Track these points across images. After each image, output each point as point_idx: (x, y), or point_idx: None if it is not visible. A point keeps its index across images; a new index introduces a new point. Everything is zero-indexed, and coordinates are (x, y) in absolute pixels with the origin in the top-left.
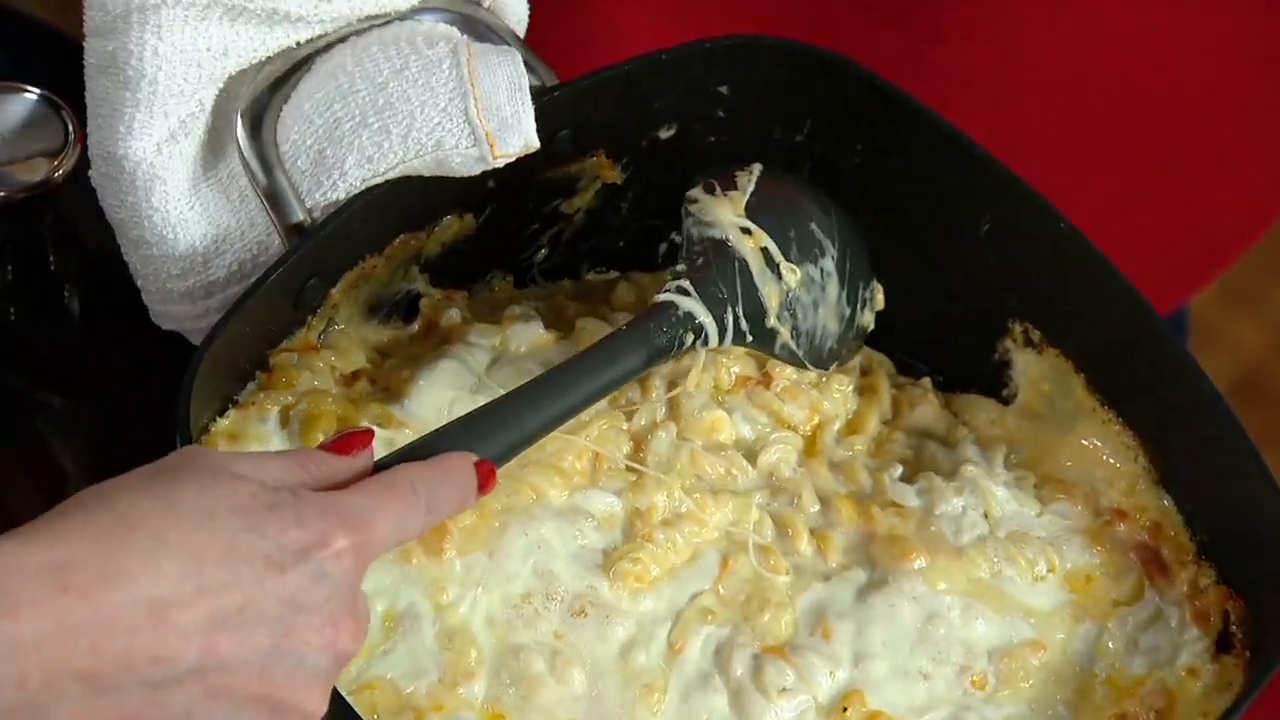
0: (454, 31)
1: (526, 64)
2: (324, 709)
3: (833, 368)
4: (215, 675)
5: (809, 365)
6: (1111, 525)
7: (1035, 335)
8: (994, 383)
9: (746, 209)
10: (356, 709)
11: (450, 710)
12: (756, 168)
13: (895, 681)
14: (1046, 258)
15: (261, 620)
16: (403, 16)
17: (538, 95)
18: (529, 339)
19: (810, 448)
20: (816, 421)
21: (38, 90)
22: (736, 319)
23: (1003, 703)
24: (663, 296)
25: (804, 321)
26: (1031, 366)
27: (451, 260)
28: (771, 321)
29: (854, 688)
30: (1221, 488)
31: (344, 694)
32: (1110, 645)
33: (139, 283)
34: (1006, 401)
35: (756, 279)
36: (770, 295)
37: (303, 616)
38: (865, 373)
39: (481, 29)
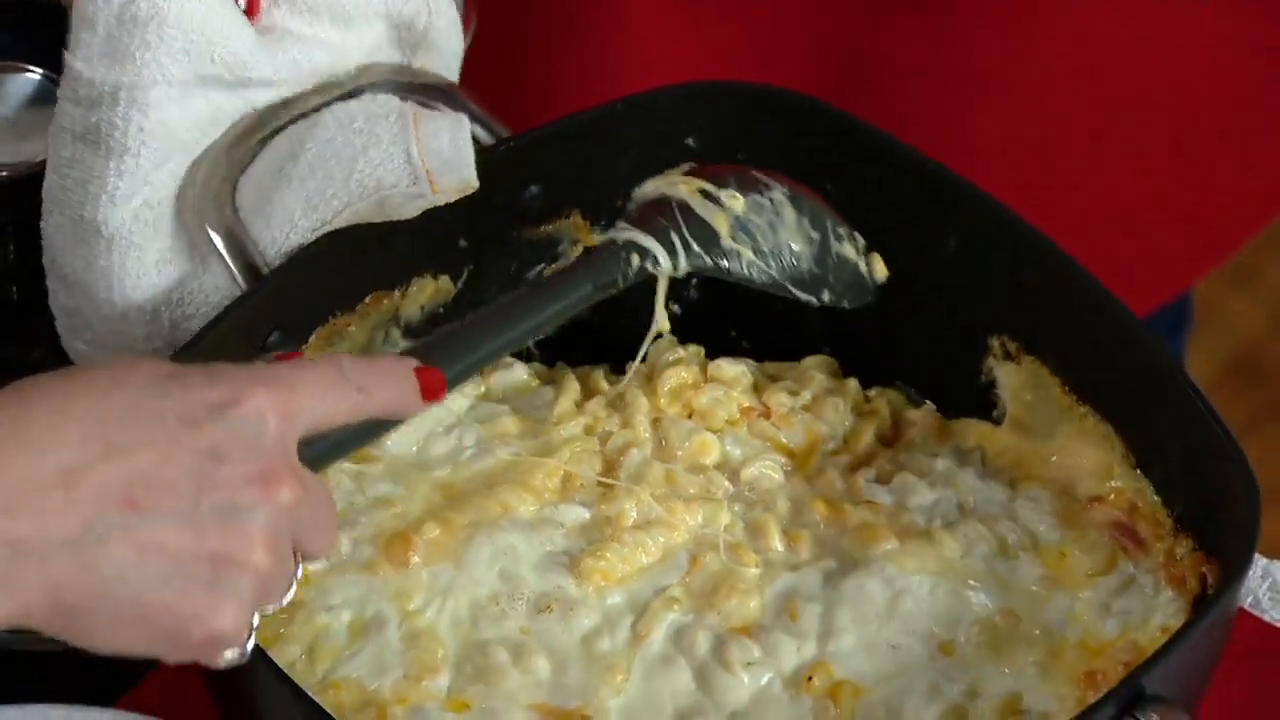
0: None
1: (479, 119)
2: (272, 563)
3: (827, 296)
4: (140, 530)
5: (792, 288)
6: (1087, 510)
7: (1012, 346)
8: (987, 406)
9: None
10: (324, 707)
11: (414, 703)
12: None
13: (862, 653)
14: (1011, 264)
15: (181, 474)
16: (355, 92)
17: (494, 148)
18: (510, 382)
19: (801, 465)
20: (810, 442)
21: (40, 70)
22: (685, 241)
23: (971, 666)
24: (602, 238)
25: (764, 242)
26: (1012, 378)
27: (436, 325)
28: (726, 242)
29: (821, 660)
30: (1189, 455)
31: (309, 693)
32: (1083, 614)
33: (86, 335)
34: (998, 422)
35: (698, 209)
36: (717, 220)
37: (226, 468)
38: (868, 399)
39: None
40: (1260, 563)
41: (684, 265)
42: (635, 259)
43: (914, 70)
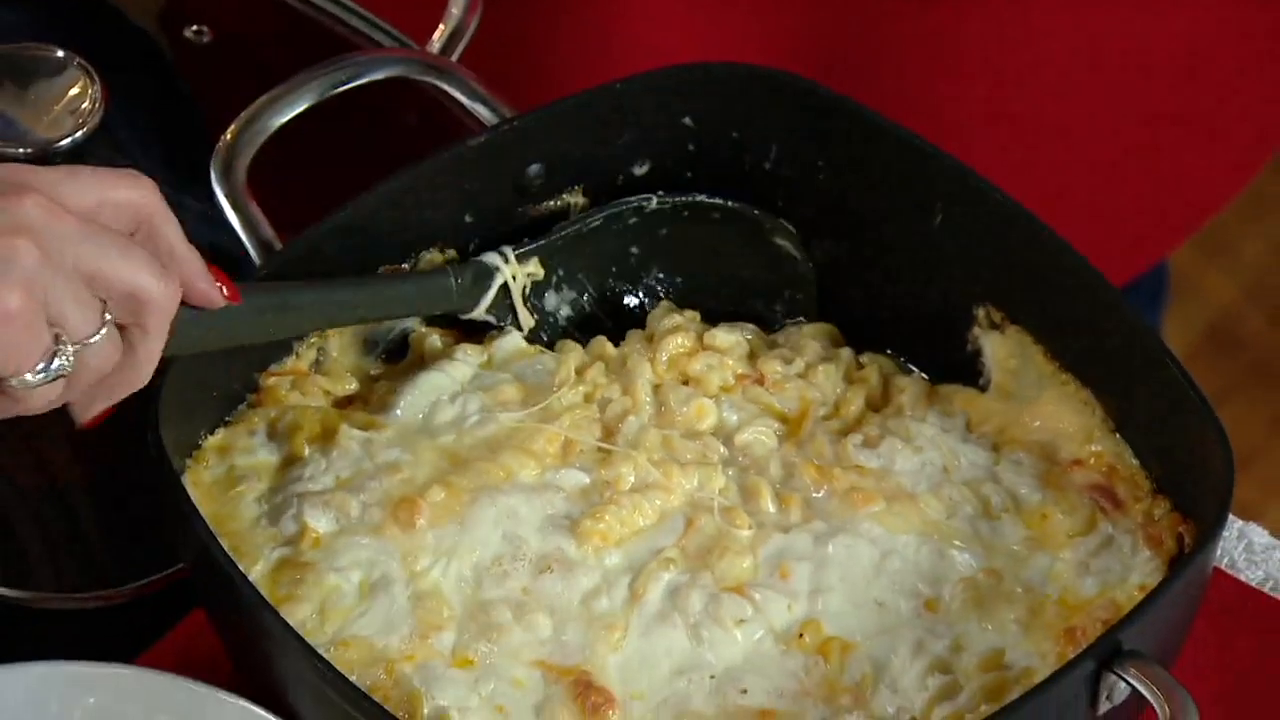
0: None
1: (484, 99)
2: (40, 255)
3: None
4: None
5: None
6: (1068, 472)
7: (997, 316)
8: (973, 374)
9: None
10: (334, 664)
11: (421, 659)
12: None
13: (851, 610)
14: (995, 238)
15: None
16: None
17: (498, 127)
18: (509, 349)
19: (793, 431)
20: (803, 407)
21: (62, 51)
22: (515, 250)
23: (955, 622)
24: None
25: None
26: (998, 347)
27: None
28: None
29: (811, 618)
30: (1166, 420)
31: (321, 652)
32: (1063, 572)
33: None
34: (984, 389)
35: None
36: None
37: None
38: (861, 366)
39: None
40: (1236, 524)
41: (514, 264)
42: (469, 272)
43: (908, 50)
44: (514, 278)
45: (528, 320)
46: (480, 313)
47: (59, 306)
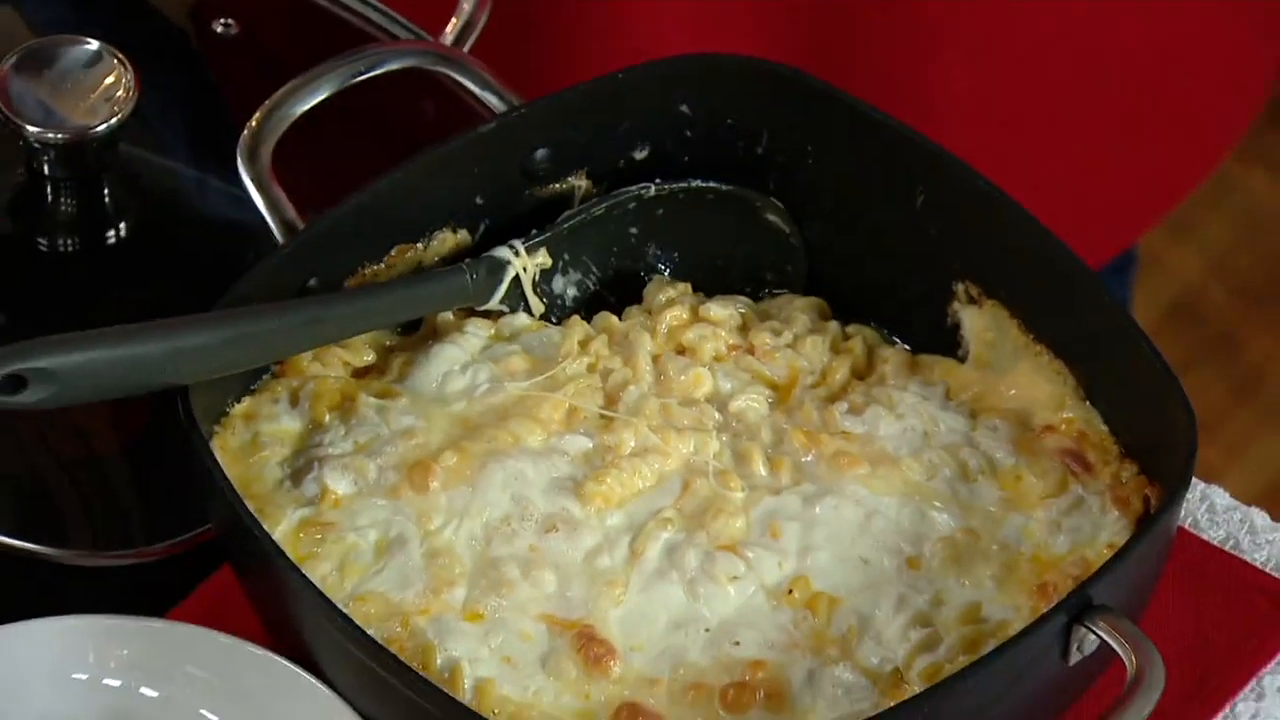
0: None
1: (490, 87)
2: None
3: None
4: None
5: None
6: (1041, 438)
7: (975, 291)
8: (952, 346)
9: None
10: (353, 618)
11: (434, 613)
12: None
13: (838, 567)
14: (974, 219)
15: None
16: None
17: (506, 114)
18: (518, 325)
19: (783, 398)
20: (792, 376)
21: (97, 42)
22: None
23: (935, 578)
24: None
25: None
26: (976, 320)
27: None
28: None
29: (800, 575)
30: (1134, 389)
31: (341, 607)
32: (1036, 531)
33: None
34: (963, 360)
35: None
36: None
37: None
38: (848, 338)
39: (438, 59)
40: (1199, 487)
41: (524, 256)
42: (482, 268)
43: (896, 38)
44: (525, 269)
45: (538, 307)
46: (494, 304)
47: None
